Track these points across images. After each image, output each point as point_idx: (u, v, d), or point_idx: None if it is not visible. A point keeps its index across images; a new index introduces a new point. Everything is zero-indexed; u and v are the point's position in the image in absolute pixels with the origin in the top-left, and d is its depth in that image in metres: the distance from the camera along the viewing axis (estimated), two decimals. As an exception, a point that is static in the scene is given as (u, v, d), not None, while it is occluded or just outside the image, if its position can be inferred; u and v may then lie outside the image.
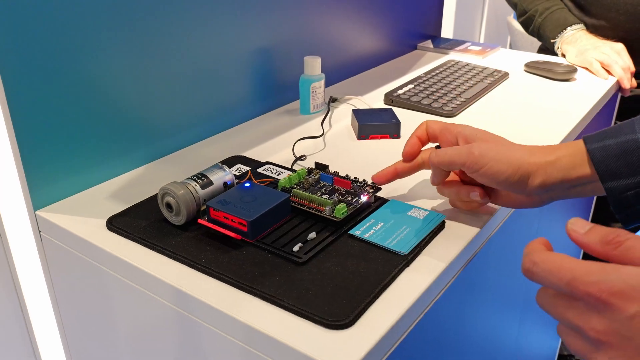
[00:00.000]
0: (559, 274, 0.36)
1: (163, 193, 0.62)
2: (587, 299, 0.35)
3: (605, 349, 0.35)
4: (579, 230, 0.38)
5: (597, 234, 0.37)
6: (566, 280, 0.36)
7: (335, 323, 0.49)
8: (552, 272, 0.37)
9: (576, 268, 0.36)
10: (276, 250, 0.58)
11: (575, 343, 0.37)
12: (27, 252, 0.71)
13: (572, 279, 0.35)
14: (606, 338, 0.35)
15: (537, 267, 0.38)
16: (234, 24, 0.86)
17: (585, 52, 1.22)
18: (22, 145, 0.63)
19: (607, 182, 0.55)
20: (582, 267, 0.35)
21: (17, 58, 0.61)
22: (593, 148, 0.55)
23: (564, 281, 0.36)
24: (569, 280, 0.36)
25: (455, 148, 0.61)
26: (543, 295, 0.39)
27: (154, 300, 0.58)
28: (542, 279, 0.38)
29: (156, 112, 0.78)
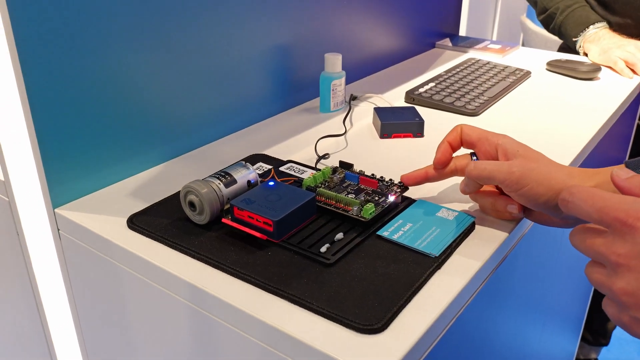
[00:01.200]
0: (592, 201, 0.38)
1: (186, 191, 0.60)
2: (614, 224, 0.37)
3: (623, 272, 0.36)
4: (622, 176, 0.40)
5: (637, 180, 0.40)
6: (598, 207, 0.38)
7: (368, 327, 0.47)
8: (586, 200, 0.39)
9: (609, 197, 0.38)
10: (303, 251, 0.56)
11: (597, 273, 0.39)
12: (45, 251, 0.70)
13: (604, 206, 0.37)
14: (626, 261, 0.36)
15: (573, 196, 0.40)
16: (253, 21, 0.84)
17: (608, 50, 1.19)
18: (42, 142, 0.62)
19: None
20: (615, 197, 0.38)
21: (38, 56, 0.59)
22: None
23: (596, 207, 0.38)
24: (601, 207, 0.38)
25: (495, 163, 0.58)
26: (576, 232, 0.41)
27: (176, 301, 0.56)
28: (575, 207, 0.40)
29: (175, 109, 0.77)
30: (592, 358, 1.70)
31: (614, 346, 1.73)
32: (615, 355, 1.74)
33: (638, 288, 0.36)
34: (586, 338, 1.67)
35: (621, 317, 0.38)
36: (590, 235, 0.39)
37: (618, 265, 0.37)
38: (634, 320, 0.37)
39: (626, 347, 1.77)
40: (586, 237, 0.40)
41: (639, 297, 0.36)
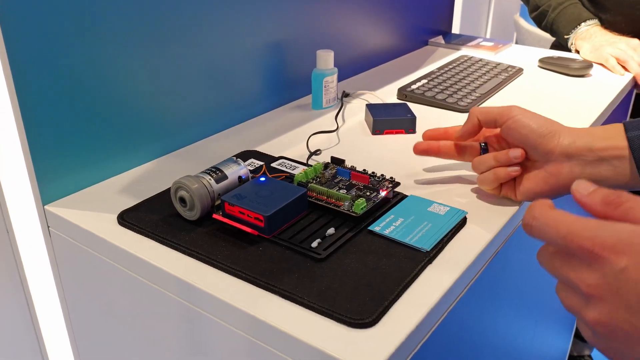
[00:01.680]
0: (556, 228, 0.36)
1: (176, 187, 0.60)
2: (580, 252, 0.35)
3: (596, 302, 0.35)
4: (582, 192, 0.38)
5: (599, 195, 0.37)
6: (562, 234, 0.36)
7: (359, 322, 0.47)
8: (549, 226, 0.37)
9: (573, 223, 0.36)
10: (294, 246, 0.56)
11: (569, 300, 0.38)
12: (35, 248, 0.69)
13: (568, 233, 0.36)
14: (597, 291, 0.35)
15: (536, 221, 0.38)
16: (245, 18, 0.84)
17: (600, 47, 1.20)
18: (32, 138, 0.62)
19: None
20: (578, 223, 0.36)
21: (27, 50, 0.59)
22: (633, 136, 0.55)
23: (560, 235, 0.36)
24: (565, 234, 0.36)
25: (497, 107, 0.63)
26: (543, 252, 0.39)
27: (167, 297, 0.56)
28: (539, 232, 0.38)
29: (166, 106, 0.76)
30: (585, 354, 1.71)
31: (606, 343, 1.74)
32: (608, 352, 1.74)
33: (611, 319, 0.34)
34: (579, 335, 1.67)
35: (597, 344, 0.37)
36: (558, 260, 0.38)
37: (589, 296, 0.35)
38: (610, 349, 0.36)
39: (619, 343, 1.77)
40: (554, 262, 0.38)
41: (613, 327, 0.34)
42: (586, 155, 0.58)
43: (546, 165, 0.60)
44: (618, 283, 0.33)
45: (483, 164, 0.64)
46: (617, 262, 0.33)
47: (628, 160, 0.56)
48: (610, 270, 0.34)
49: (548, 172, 0.60)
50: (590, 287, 0.35)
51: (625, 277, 0.33)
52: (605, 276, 0.34)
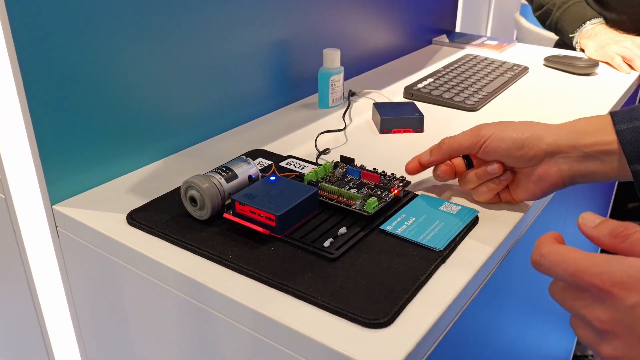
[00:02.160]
0: (564, 265, 0.37)
1: (187, 186, 0.60)
2: (591, 289, 0.35)
3: (610, 338, 0.35)
4: (589, 224, 0.39)
5: (606, 227, 0.38)
6: (571, 272, 0.36)
7: (374, 322, 0.46)
8: (558, 263, 0.37)
9: (581, 260, 0.36)
10: (306, 246, 0.55)
11: (584, 334, 0.38)
12: (42, 248, 0.69)
13: (577, 270, 0.36)
14: (610, 327, 0.35)
15: (544, 259, 0.38)
16: (252, 16, 0.84)
17: (605, 46, 1.19)
18: (40, 138, 0.61)
19: (635, 164, 0.53)
20: (587, 259, 0.36)
21: (36, 52, 0.58)
22: (622, 129, 0.54)
23: (569, 272, 0.36)
24: (573, 271, 0.36)
25: (462, 132, 0.61)
26: (554, 287, 0.40)
27: (178, 297, 0.55)
28: (548, 270, 0.38)
29: (173, 105, 0.76)
30: (589, 354, 1.70)
31: (610, 342, 1.73)
32: (611, 351, 1.74)
33: (625, 354, 0.35)
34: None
35: None
36: (570, 295, 0.38)
37: (603, 332, 0.35)
38: None
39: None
40: (566, 297, 0.38)
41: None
42: (571, 152, 0.57)
43: (534, 169, 0.59)
44: (631, 319, 0.34)
45: (468, 182, 0.63)
46: (628, 299, 0.33)
47: (617, 155, 0.55)
48: (621, 307, 0.34)
49: (537, 176, 0.59)
50: (603, 324, 0.35)
51: (637, 313, 0.33)
52: (618, 312, 0.34)
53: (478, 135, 0.60)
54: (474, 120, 0.90)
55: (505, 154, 0.59)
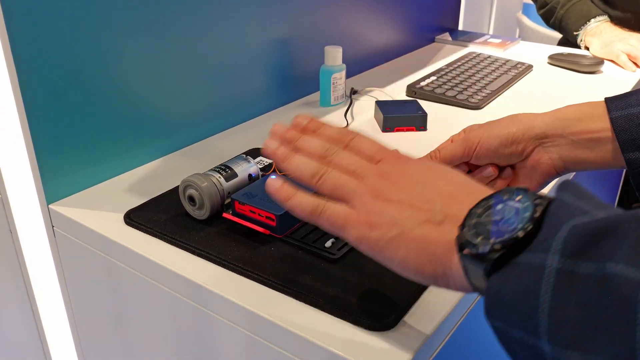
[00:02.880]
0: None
1: (185, 185, 0.58)
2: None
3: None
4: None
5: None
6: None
7: (377, 324, 0.45)
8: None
9: None
10: (307, 246, 0.54)
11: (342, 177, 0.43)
12: (39, 248, 0.68)
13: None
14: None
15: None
16: (252, 15, 0.82)
17: (610, 44, 1.18)
18: (36, 136, 0.60)
19: (629, 152, 0.52)
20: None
21: (32, 49, 0.57)
22: (616, 116, 0.52)
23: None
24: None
25: (452, 144, 0.59)
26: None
27: (176, 298, 0.54)
28: None
29: (173, 103, 0.74)
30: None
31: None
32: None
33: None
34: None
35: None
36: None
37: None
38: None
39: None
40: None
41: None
42: (559, 141, 0.55)
43: (527, 161, 0.58)
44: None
45: None
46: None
47: (607, 143, 0.54)
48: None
49: (529, 167, 0.58)
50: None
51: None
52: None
53: (468, 143, 0.58)
54: (478, 118, 0.89)
55: (496, 154, 0.57)
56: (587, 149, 0.55)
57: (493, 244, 0.33)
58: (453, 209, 0.37)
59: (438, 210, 0.38)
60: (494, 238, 0.33)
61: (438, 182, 0.40)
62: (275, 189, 0.44)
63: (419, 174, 0.41)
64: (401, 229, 0.38)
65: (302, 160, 0.44)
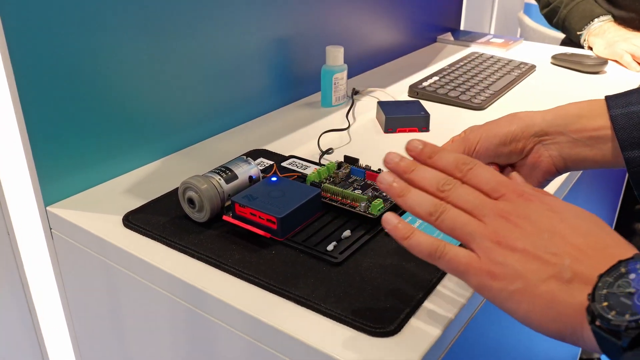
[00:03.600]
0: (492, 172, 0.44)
1: (185, 188, 0.57)
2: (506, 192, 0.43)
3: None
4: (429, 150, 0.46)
5: (450, 157, 0.45)
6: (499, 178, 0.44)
7: (380, 330, 0.44)
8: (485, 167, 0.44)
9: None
10: (309, 250, 0.53)
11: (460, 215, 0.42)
12: (36, 251, 0.67)
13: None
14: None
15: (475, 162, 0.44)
16: (253, 13, 0.82)
17: (614, 44, 1.17)
18: (33, 138, 0.59)
19: (628, 151, 0.51)
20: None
21: (29, 50, 0.56)
22: (616, 114, 0.52)
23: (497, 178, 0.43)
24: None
25: (451, 145, 0.58)
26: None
27: (175, 302, 0.53)
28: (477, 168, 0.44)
29: (172, 104, 0.74)
30: (595, 357, 1.68)
31: (616, 345, 1.71)
32: (618, 354, 1.72)
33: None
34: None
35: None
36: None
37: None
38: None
39: (629, 345, 1.75)
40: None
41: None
42: (558, 138, 0.55)
43: (527, 160, 0.57)
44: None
45: None
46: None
47: (607, 141, 0.53)
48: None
49: (530, 165, 0.57)
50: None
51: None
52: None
53: (467, 143, 0.57)
54: (481, 119, 0.88)
55: (496, 153, 0.57)
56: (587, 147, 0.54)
57: (628, 321, 0.31)
58: (582, 266, 0.35)
59: (567, 266, 0.35)
60: (628, 314, 0.31)
61: (565, 231, 0.37)
62: (392, 227, 0.42)
63: (544, 218, 0.39)
64: (525, 283, 0.36)
65: (419, 197, 0.42)
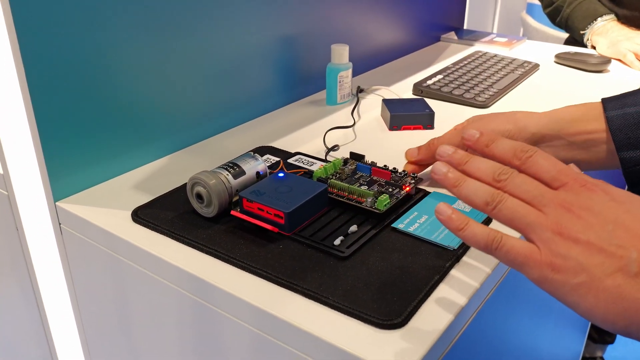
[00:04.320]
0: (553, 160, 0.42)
1: (193, 183, 0.58)
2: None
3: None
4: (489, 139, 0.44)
5: (508, 144, 0.43)
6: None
7: (387, 322, 0.45)
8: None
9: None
10: (316, 244, 0.54)
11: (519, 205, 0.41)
12: (45, 246, 0.67)
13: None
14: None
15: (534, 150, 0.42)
16: (258, 12, 0.82)
17: (617, 43, 1.18)
18: (43, 134, 0.60)
19: (624, 151, 0.52)
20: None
21: (39, 46, 0.57)
22: (612, 115, 0.52)
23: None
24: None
25: (449, 131, 0.60)
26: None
27: (183, 296, 0.54)
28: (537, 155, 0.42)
29: (180, 101, 0.74)
30: (598, 356, 1.68)
31: (619, 344, 1.72)
32: (621, 353, 1.72)
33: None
34: (592, 336, 1.65)
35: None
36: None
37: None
38: None
39: (631, 345, 1.75)
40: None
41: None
42: (555, 142, 0.56)
43: None
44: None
45: None
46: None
47: (601, 144, 0.54)
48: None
49: None
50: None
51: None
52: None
53: (471, 120, 0.59)
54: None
55: None
56: (583, 150, 0.55)
57: None
58: None
59: (634, 259, 0.34)
60: None
61: (631, 222, 0.36)
62: (446, 217, 0.41)
63: (608, 209, 0.37)
64: (589, 277, 0.35)
65: (476, 186, 0.41)
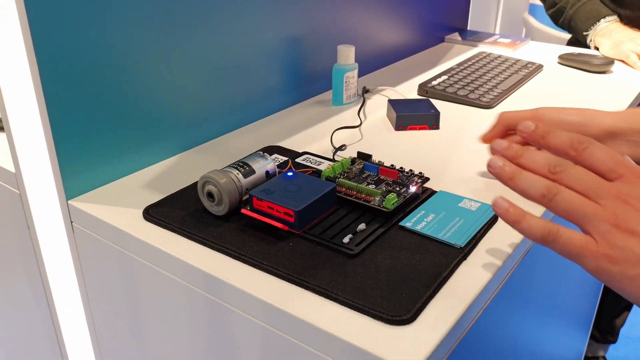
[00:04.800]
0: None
1: (204, 182, 0.59)
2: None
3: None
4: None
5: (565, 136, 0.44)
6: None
7: (397, 318, 0.46)
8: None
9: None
10: (325, 242, 0.54)
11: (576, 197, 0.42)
12: (57, 244, 0.68)
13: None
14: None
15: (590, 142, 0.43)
16: (265, 13, 0.83)
17: (621, 44, 1.18)
18: (56, 133, 0.61)
19: None
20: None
21: (53, 45, 0.58)
22: None
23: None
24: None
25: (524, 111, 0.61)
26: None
27: (196, 293, 0.55)
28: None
29: (189, 101, 0.75)
30: (600, 355, 1.69)
31: (621, 344, 1.72)
32: (623, 353, 1.73)
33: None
34: (594, 336, 1.65)
35: None
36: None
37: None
38: None
39: (632, 344, 1.76)
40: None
41: None
42: (631, 135, 0.55)
43: None
44: None
45: None
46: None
47: None
48: None
49: None
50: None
51: None
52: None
53: (536, 113, 0.59)
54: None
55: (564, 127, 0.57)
56: None
57: None
58: None
59: None
60: None
61: None
62: (504, 210, 0.41)
63: None
64: None
65: (532, 179, 0.41)
